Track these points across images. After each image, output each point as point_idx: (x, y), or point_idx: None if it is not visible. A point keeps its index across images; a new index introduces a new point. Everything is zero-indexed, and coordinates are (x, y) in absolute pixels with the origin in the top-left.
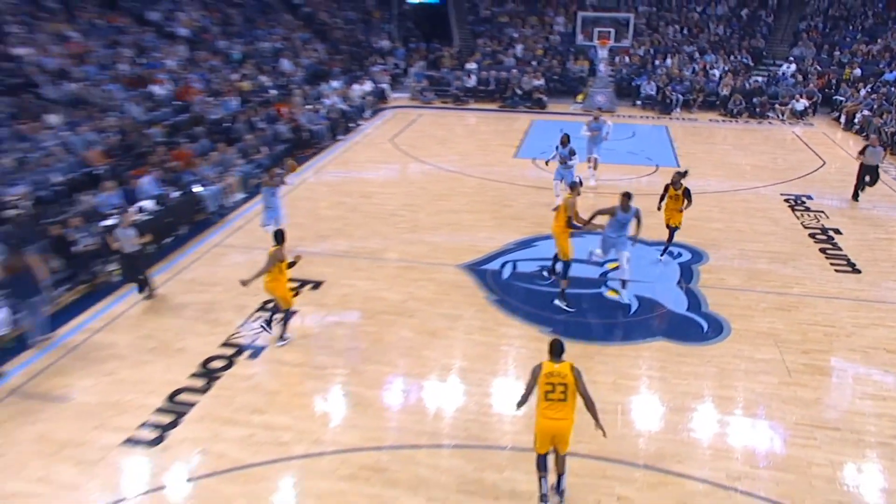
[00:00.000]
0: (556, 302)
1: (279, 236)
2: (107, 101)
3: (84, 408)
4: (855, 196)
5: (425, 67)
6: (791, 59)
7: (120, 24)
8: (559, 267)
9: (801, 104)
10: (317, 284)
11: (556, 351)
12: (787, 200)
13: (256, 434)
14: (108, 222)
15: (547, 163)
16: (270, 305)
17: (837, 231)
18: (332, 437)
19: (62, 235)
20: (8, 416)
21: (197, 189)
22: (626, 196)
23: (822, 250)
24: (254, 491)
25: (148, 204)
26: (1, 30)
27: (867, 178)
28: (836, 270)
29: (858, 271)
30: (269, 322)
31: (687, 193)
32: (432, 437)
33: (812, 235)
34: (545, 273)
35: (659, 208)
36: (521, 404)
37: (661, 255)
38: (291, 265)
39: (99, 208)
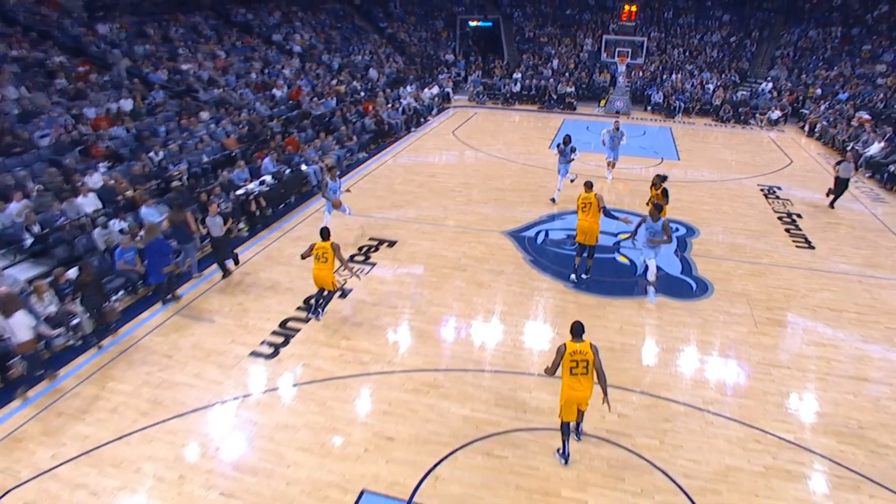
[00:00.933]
0: (584, 276)
1: (325, 233)
2: (241, 102)
3: (223, 327)
4: (831, 204)
5: (481, 76)
6: (769, 78)
7: (252, 44)
8: (580, 267)
9: (776, 114)
10: (391, 243)
11: (577, 332)
12: (761, 190)
13: (345, 354)
14: (239, 192)
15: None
16: (321, 294)
17: (799, 216)
18: (400, 360)
19: (208, 200)
20: (174, 329)
21: (303, 167)
22: (657, 208)
23: (787, 230)
24: (342, 396)
25: (267, 178)
26: (174, 52)
27: (833, 188)
28: (797, 246)
29: (813, 247)
30: (319, 309)
31: (665, 193)
32: (477, 363)
33: (780, 218)
34: (572, 277)
35: (647, 204)
36: (550, 373)
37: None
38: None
39: (233, 181)
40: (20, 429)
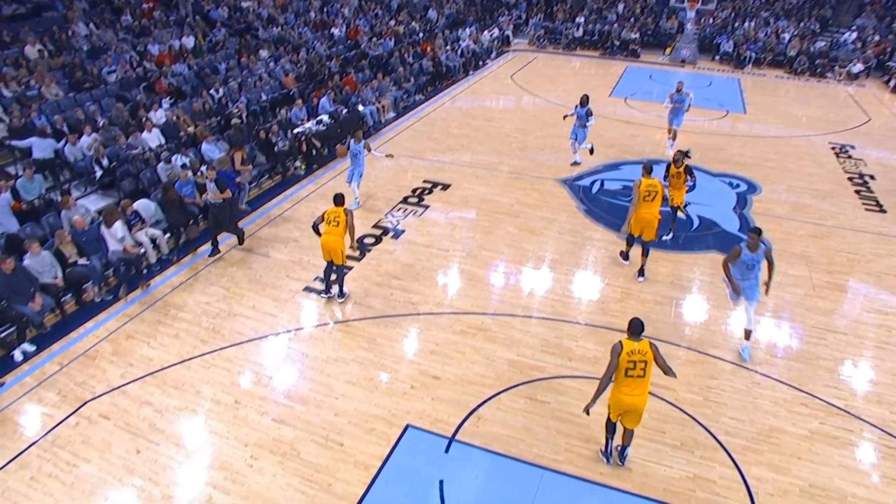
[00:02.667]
0: (641, 279)
1: (339, 199)
2: (299, 41)
3: (278, 262)
4: None
5: (542, 19)
6: (854, 27)
7: None
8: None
9: (857, 67)
10: (445, 186)
11: (635, 329)
12: (833, 148)
13: (395, 294)
14: (298, 129)
15: (565, 118)
16: (332, 278)
17: (872, 177)
18: (449, 302)
19: (267, 138)
20: (233, 264)
21: (360, 108)
22: (756, 232)
23: (857, 191)
24: (390, 334)
25: (324, 118)
26: None
27: None
28: (866, 209)
29: (884, 211)
30: (338, 288)
31: (689, 170)
32: (525, 309)
33: (850, 178)
34: (623, 260)
35: (666, 179)
36: (604, 387)
37: (666, 235)
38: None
39: (291, 119)
40: (93, 348)
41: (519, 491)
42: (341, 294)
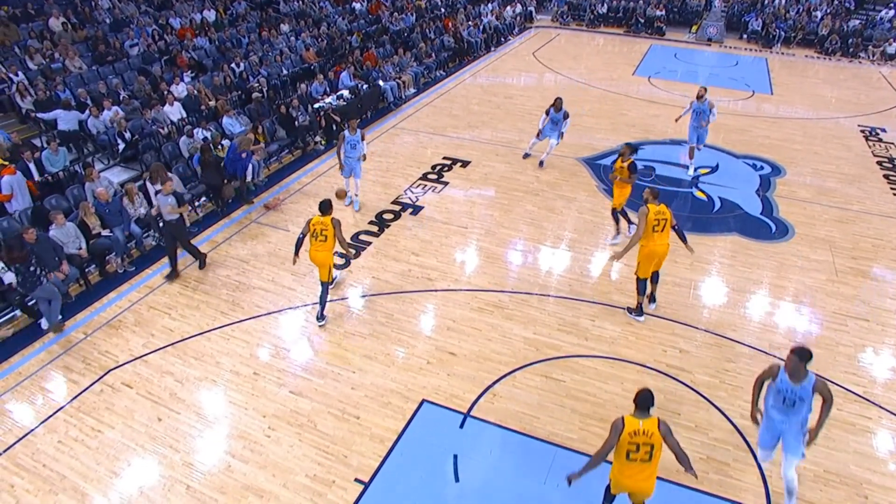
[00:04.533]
0: (652, 306)
1: (325, 206)
2: (320, 15)
3: (296, 237)
4: None
5: None
6: (892, 4)
7: None
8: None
9: (893, 47)
10: (465, 163)
11: (642, 404)
12: (862, 131)
13: (412, 270)
14: (318, 105)
15: (538, 134)
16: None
17: None
18: (466, 279)
19: (288, 113)
20: (252, 237)
21: (380, 83)
22: (799, 356)
23: (886, 176)
24: (407, 310)
25: (345, 93)
26: None
27: None
28: (895, 194)
29: None
30: (322, 313)
31: (632, 167)
32: (542, 287)
33: (879, 163)
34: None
35: (611, 177)
36: (595, 465)
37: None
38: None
39: (312, 94)
40: (116, 318)
41: (532, 468)
42: (321, 316)
